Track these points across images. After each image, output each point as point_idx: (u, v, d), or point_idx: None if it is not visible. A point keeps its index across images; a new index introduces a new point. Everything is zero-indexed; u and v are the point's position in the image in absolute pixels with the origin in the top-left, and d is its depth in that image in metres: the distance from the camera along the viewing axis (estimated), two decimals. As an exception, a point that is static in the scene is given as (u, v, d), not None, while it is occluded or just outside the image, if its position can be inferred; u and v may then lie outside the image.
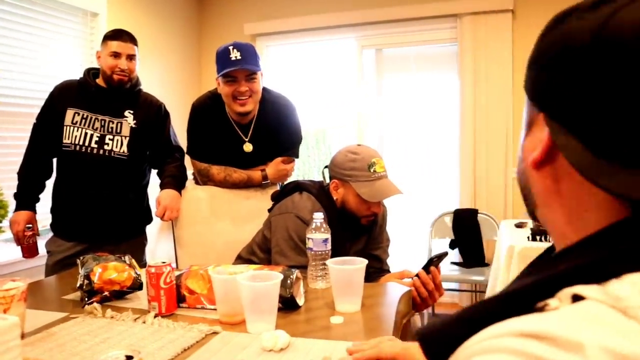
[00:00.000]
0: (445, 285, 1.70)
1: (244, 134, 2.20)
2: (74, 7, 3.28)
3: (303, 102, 4.17)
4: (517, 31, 3.69)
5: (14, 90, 2.84)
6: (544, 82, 0.52)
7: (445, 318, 0.53)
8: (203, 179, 2.26)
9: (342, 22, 4.12)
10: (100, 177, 2.25)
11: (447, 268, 3.50)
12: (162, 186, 2.28)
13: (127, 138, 2.27)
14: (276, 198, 1.92)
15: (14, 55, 2.92)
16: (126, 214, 2.34)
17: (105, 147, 2.24)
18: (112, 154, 2.25)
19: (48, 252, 2.31)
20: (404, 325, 1.37)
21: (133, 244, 2.35)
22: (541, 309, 0.44)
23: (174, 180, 2.29)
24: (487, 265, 3.50)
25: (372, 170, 1.72)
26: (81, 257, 1.54)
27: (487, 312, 0.48)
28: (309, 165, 5.64)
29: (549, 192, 0.54)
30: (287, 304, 1.33)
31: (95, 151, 2.23)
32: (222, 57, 2.07)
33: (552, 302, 0.43)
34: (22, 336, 1.12)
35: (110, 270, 1.44)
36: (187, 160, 2.34)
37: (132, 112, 2.30)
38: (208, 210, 2.20)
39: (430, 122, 4.06)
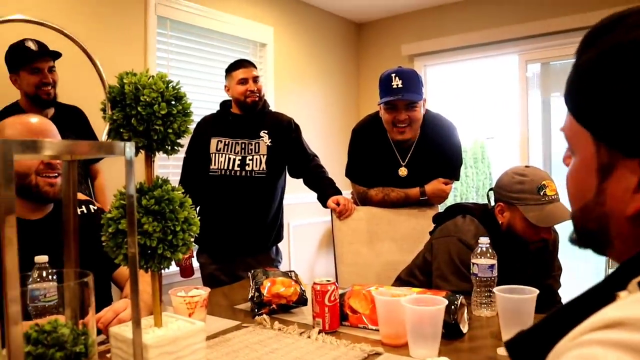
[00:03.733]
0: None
1: (402, 157, 2.21)
2: (247, 39, 3.60)
3: (463, 120, 4.06)
4: None
5: (196, 117, 3.20)
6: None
7: (531, 327, 0.54)
8: (362, 201, 2.30)
9: (504, 37, 3.95)
10: (244, 195, 2.45)
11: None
12: (329, 195, 2.37)
13: (265, 156, 2.45)
14: (438, 220, 1.88)
15: (194, 86, 3.28)
16: (264, 228, 2.52)
17: (247, 167, 2.43)
18: (253, 174, 2.44)
19: (200, 264, 2.59)
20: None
21: (267, 259, 2.53)
22: (614, 300, 0.45)
23: (337, 189, 2.44)
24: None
25: (542, 193, 1.61)
26: (252, 271, 1.66)
27: (566, 316, 0.50)
28: (466, 186, 5.46)
29: (635, 234, 0.52)
30: (451, 331, 1.29)
31: (238, 173, 2.44)
32: (384, 84, 2.11)
33: (622, 293, 0.46)
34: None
35: (278, 284, 1.52)
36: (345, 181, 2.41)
37: (266, 132, 2.47)
38: (368, 230, 2.23)
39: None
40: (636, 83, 0.47)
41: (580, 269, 3.59)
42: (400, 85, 2.06)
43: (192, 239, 0.96)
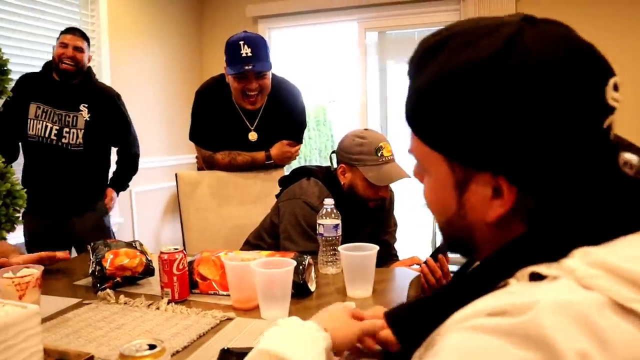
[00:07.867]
0: (453, 270, 1.71)
1: (250, 122, 2.20)
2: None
3: (306, 84, 4.15)
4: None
5: (15, 75, 2.84)
6: (499, 143, 0.51)
7: (413, 302, 0.60)
8: (209, 165, 2.26)
9: (345, 4, 4.07)
10: (60, 166, 2.49)
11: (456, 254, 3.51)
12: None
13: (82, 131, 2.48)
14: (283, 183, 1.92)
15: (18, 40, 2.91)
16: (83, 191, 2.60)
17: (63, 140, 2.46)
18: (70, 147, 2.48)
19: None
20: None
21: (94, 215, 2.64)
22: (502, 287, 0.50)
23: (117, 182, 2.78)
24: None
25: (379, 154, 1.72)
26: (91, 244, 1.54)
27: (451, 295, 0.54)
28: (310, 148, 5.63)
29: (498, 237, 0.56)
30: (300, 290, 1.34)
31: (55, 142, 2.46)
32: (232, 52, 2.05)
33: (511, 281, 0.50)
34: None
35: (121, 256, 1.44)
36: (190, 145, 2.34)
37: (86, 105, 2.49)
38: (214, 195, 2.21)
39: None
40: (476, 104, 0.51)
41: (413, 225, 3.96)
42: (250, 54, 2.03)
43: (19, 215, 0.86)
